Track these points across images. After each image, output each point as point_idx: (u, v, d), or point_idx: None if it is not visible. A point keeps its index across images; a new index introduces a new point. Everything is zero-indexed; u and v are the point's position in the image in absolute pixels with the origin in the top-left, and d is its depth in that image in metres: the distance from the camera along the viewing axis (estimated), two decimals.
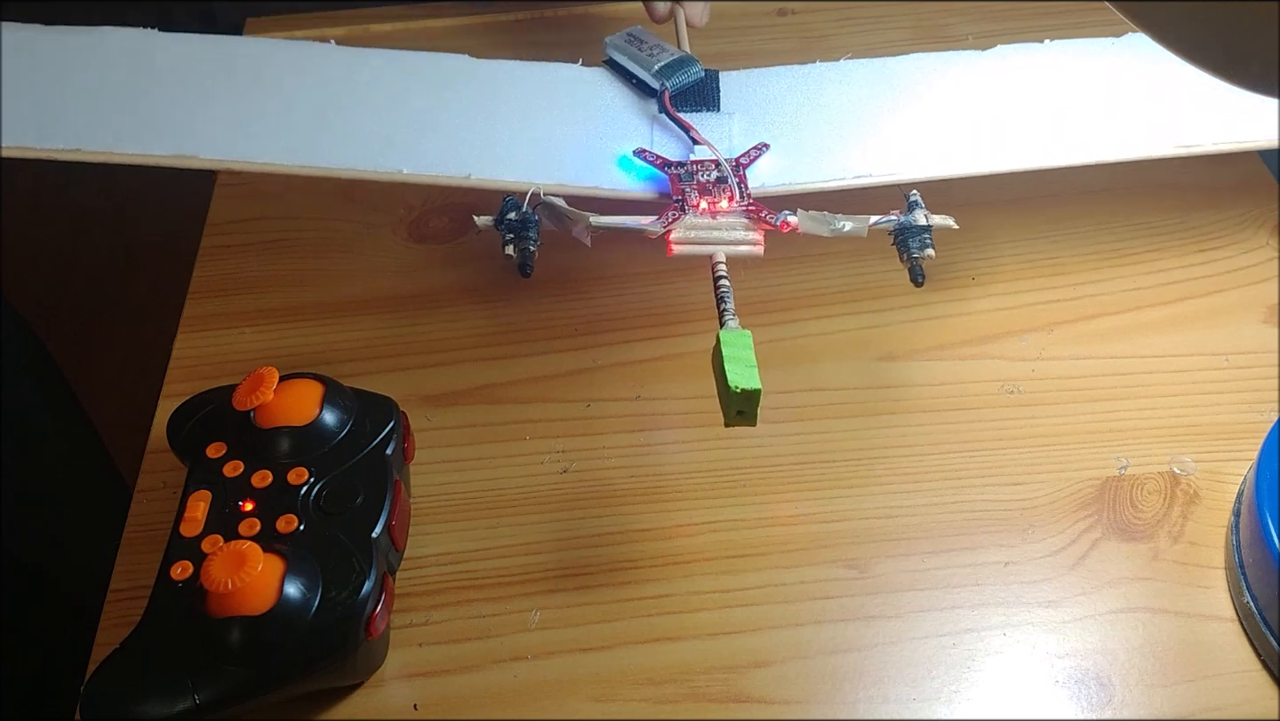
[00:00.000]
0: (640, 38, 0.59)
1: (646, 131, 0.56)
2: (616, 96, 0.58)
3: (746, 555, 0.49)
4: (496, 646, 0.46)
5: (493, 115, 0.55)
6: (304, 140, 0.52)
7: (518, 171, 0.52)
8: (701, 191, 0.51)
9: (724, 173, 0.52)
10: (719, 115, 0.57)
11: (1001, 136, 0.55)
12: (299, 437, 0.47)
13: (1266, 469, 0.45)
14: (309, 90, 0.55)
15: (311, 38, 0.74)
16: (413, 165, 0.52)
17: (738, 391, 0.42)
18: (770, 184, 0.53)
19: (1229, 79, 0.37)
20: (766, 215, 0.50)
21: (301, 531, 0.44)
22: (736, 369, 0.42)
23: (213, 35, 0.57)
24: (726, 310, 0.46)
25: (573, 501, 0.51)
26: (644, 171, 0.53)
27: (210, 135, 0.52)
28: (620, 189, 0.53)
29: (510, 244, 0.50)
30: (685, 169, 0.52)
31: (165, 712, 0.40)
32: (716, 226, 0.50)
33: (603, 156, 0.54)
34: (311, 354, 0.57)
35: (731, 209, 0.51)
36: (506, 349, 0.57)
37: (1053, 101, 0.56)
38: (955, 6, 0.73)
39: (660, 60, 0.57)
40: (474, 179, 0.52)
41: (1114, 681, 0.45)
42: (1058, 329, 0.56)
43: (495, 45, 0.73)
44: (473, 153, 0.53)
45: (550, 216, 0.51)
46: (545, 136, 0.55)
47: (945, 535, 0.49)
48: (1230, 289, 0.57)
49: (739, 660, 0.46)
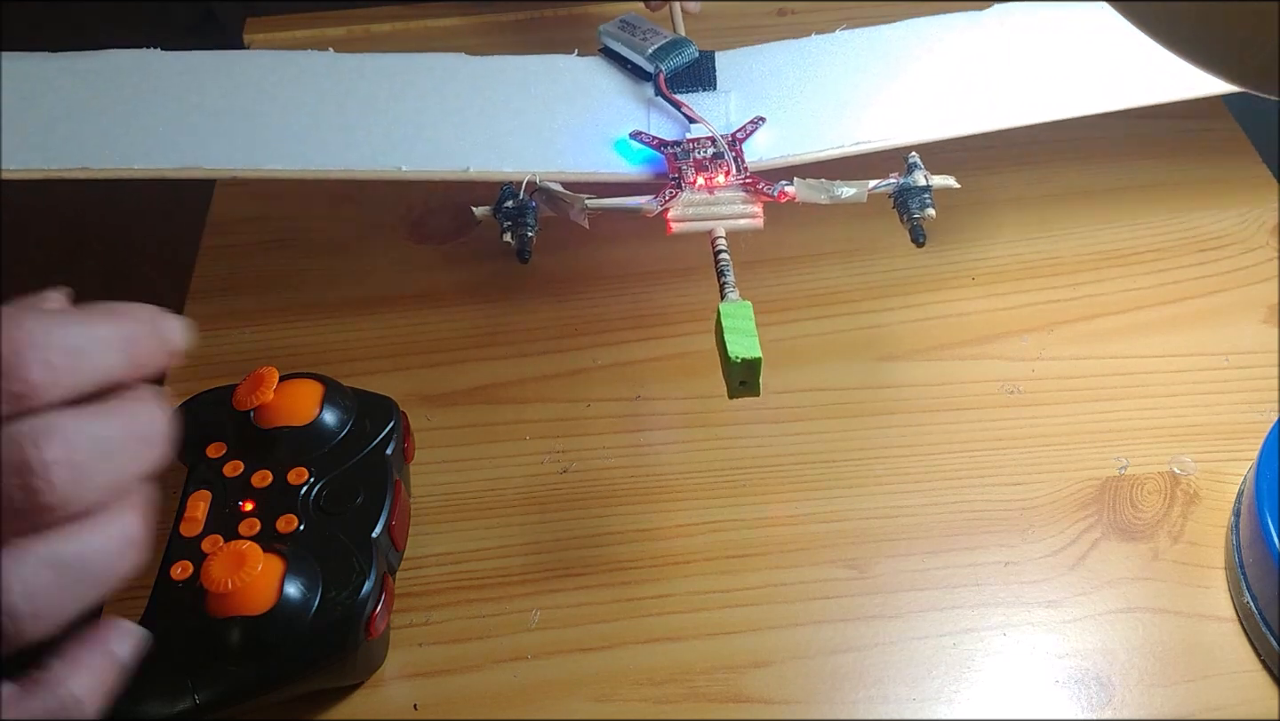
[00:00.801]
0: (634, 24, 0.59)
1: (643, 114, 0.56)
2: (612, 82, 0.58)
3: (746, 555, 0.49)
4: (496, 646, 0.46)
5: (489, 108, 0.56)
6: (305, 145, 0.53)
7: (516, 161, 0.53)
8: (698, 168, 0.51)
9: (720, 148, 0.52)
10: (715, 94, 0.57)
11: (1000, 94, 0.55)
12: (299, 437, 0.47)
13: (1266, 469, 0.45)
14: (308, 97, 0.56)
15: (311, 37, 0.74)
16: (412, 163, 0.52)
17: (738, 361, 0.42)
18: (767, 156, 0.53)
19: (1229, 78, 0.37)
20: (764, 187, 0.51)
21: (301, 531, 0.44)
22: (736, 339, 0.43)
23: (212, 51, 0.58)
24: (727, 283, 0.47)
25: (573, 501, 0.51)
26: (641, 153, 0.53)
27: (214, 146, 0.53)
28: (618, 172, 0.53)
29: (509, 231, 0.51)
30: (681, 147, 0.53)
31: (165, 712, 0.40)
32: (714, 201, 0.51)
33: (599, 141, 0.54)
34: (311, 354, 0.57)
35: (729, 183, 0.51)
36: (506, 349, 0.57)
37: (1052, 56, 0.57)
38: (956, 6, 0.73)
39: (654, 44, 0.58)
40: (473, 171, 0.52)
41: (1114, 681, 0.45)
42: (1058, 329, 0.56)
43: (495, 45, 0.73)
44: (471, 146, 0.54)
45: (547, 202, 0.51)
46: (542, 125, 0.55)
47: (945, 535, 0.49)
48: (1230, 289, 0.57)
49: (739, 660, 0.46)
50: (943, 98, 0.55)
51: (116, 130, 0.53)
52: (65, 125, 0.53)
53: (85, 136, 0.52)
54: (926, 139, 0.53)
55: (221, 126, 0.54)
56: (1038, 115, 0.54)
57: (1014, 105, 0.55)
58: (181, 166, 0.52)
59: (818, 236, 0.60)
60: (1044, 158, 0.64)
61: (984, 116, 0.54)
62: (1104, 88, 0.55)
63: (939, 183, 0.51)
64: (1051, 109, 0.54)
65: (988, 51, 0.58)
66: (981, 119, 0.54)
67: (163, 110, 0.54)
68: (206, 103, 0.55)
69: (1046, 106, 0.55)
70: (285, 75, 0.57)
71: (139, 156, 0.52)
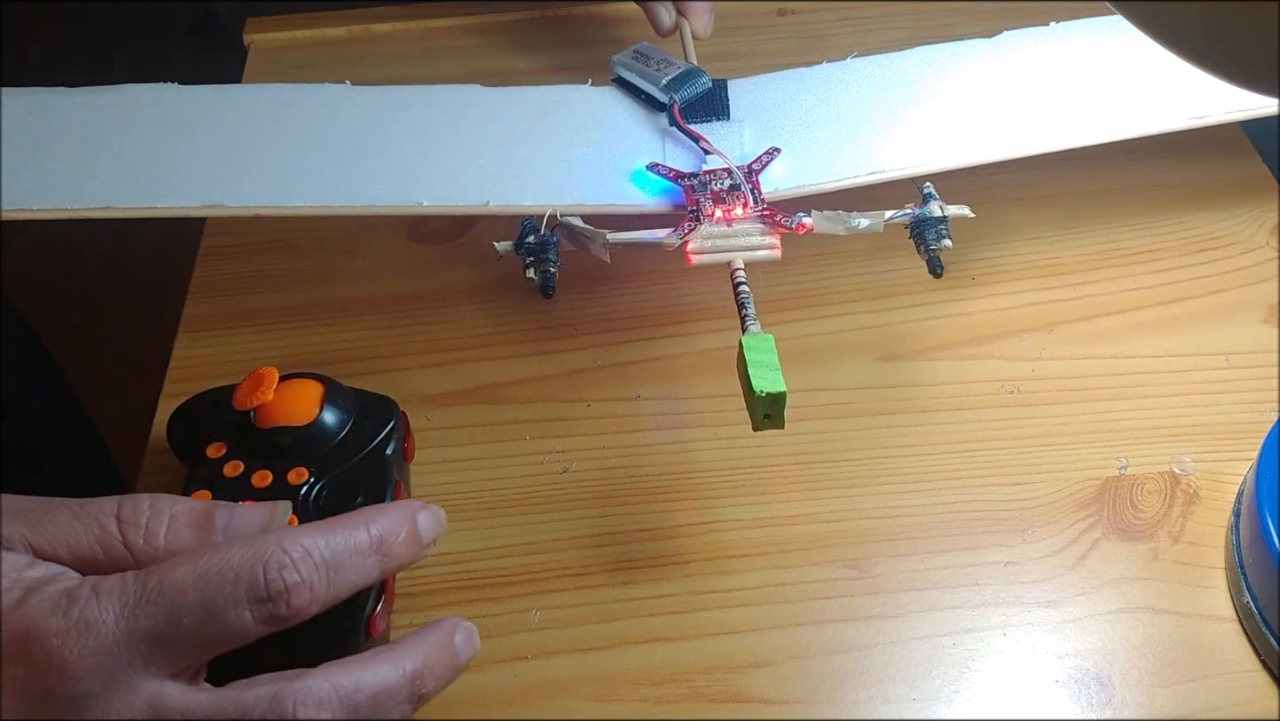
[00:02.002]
0: (646, 54, 0.60)
1: (659, 145, 0.56)
2: (627, 113, 0.59)
3: (746, 555, 0.49)
4: (496, 646, 0.46)
5: (506, 140, 0.56)
6: (326, 181, 0.53)
7: (535, 194, 0.53)
8: (715, 200, 0.52)
9: (736, 180, 0.52)
10: (729, 124, 0.57)
11: (1013, 123, 0.55)
12: (299, 437, 0.47)
13: (1266, 469, 0.45)
14: (326, 131, 0.56)
15: (311, 38, 0.74)
16: (432, 197, 0.53)
17: (763, 395, 0.43)
18: (783, 187, 0.53)
19: (1229, 79, 0.37)
20: (781, 218, 0.51)
21: None
22: (760, 373, 0.43)
23: (231, 85, 0.59)
24: (748, 315, 0.47)
25: (573, 501, 0.51)
26: (658, 185, 0.54)
27: (235, 183, 0.53)
28: (636, 204, 0.53)
29: (531, 267, 0.51)
30: (698, 179, 0.53)
31: None
32: (733, 234, 0.51)
33: (617, 173, 0.55)
34: (311, 354, 0.57)
35: (746, 215, 0.51)
36: (506, 349, 0.57)
37: (1062, 84, 0.57)
38: (956, 6, 0.73)
39: (668, 74, 0.58)
40: (493, 205, 0.53)
41: (1114, 681, 0.45)
42: (1058, 329, 0.56)
43: (495, 45, 0.73)
44: (489, 179, 0.54)
45: (568, 236, 0.51)
46: (559, 158, 0.56)
47: (945, 535, 0.49)
48: (1230, 289, 0.57)
49: (739, 660, 0.46)
50: (957, 126, 0.55)
51: (137, 167, 0.53)
52: (85, 162, 0.53)
53: (106, 174, 0.53)
54: (942, 168, 0.53)
55: (241, 162, 0.54)
56: (1053, 143, 0.54)
57: (1028, 133, 0.55)
58: (205, 204, 0.52)
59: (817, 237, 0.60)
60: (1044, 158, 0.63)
61: (998, 145, 0.54)
62: (1118, 114, 0.55)
63: (954, 212, 0.51)
64: (1066, 137, 0.54)
65: (1000, 78, 0.58)
66: (996, 147, 0.54)
67: (182, 146, 0.55)
68: (225, 138, 0.55)
69: (1061, 134, 0.54)
70: (304, 110, 0.57)
71: (162, 195, 0.52)
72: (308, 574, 0.35)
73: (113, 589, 0.34)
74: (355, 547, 0.36)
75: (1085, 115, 0.55)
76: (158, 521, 0.37)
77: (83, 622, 0.33)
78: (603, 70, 0.61)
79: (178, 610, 0.33)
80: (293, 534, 0.35)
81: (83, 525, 0.36)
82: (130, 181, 0.53)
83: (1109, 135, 0.55)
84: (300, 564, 0.35)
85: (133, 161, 0.53)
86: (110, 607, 0.33)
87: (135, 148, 0.54)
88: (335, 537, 0.36)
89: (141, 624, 0.33)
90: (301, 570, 0.34)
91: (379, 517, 0.37)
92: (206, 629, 0.33)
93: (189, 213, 0.52)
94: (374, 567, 0.37)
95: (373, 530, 0.37)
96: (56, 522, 0.36)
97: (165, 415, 0.50)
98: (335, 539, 0.36)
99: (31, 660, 0.32)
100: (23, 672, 0.32)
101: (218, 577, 0.34)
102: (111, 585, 0.34)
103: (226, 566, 0.34)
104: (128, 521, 0.37)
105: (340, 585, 0.36)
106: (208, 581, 0.34)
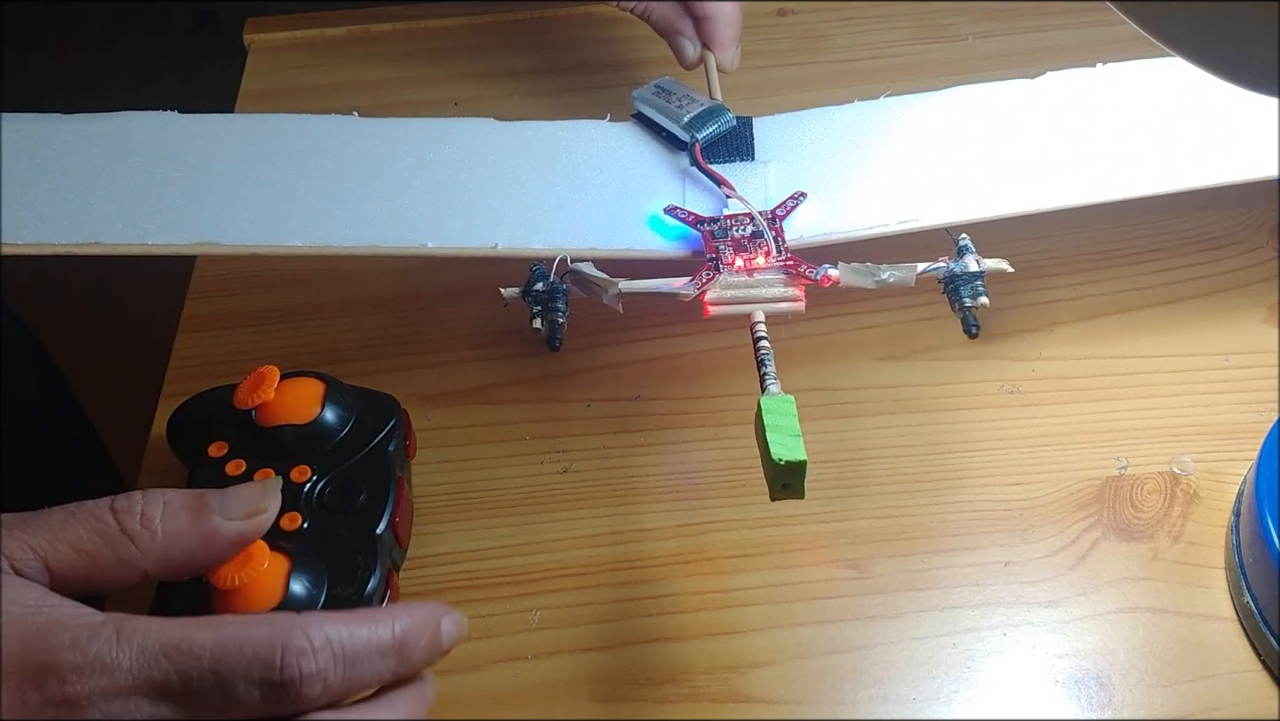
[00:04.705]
0: (668, 89, 0.57)
1: (678, 187, 0.54)
2: (646, 152, 0.56)
3: (746, 555, 0.49)
4: (496, 646, 0.46)
5: (518, 178, 0.54)
6: (328, 219, 0.51)
7: (545, 237, 0.51)
8: (736, 248, 0.49)
9: (759, 227, 0.50)
10: (754, 164, 0.54)
11: (1056, 171, 0.52)
12: (301, 436, 0.47)
13: (1266, 469, 0.45)
14: (330, 166, 0.54)
15: (311, 38, 0.74)
16: (438, 239, 0.50)
17: (782, 464, 0.40)
18: (809, 235, 0.51)
19: (1229, 79, 0.37)
20: (806, 270, 0.48)
21: (305, 529, 0.45)
22: (780, 439, 0.40)
23: (230, 115, 0.57)
24: (768, 374, 0.44)
25: (573, 501, 0.51)
26: (676, 230, 0.51)
27: (231, 220, 0.51)
28: (652, 250, 0.51)
29: (538, 316, 0.49)
30: (719, 225, 0.50)
31: None
32: (754, 284, 0.48)
33: (633, 216, 0.52)
34: (311, 354, 0.57)
35: (769, 265, 0.49)
36: (506, 349, 0.57)
37: (1107, 132, 0.54)
38: (956, 6, 0.73)
39: (690, 111, 0.55)
40: (501, 249, 0.50)
41: (1114, 681, 0.45)
42: (1058, 329, 0.56)
43: (495, 45, 0.73)
44: (499, 220, 0.51)
45: (579, 284, 0.49)
46: (573, 199, 0.53)
47: (945, 535, 0.49)
48: (1230, 289, 0.57)
49: (739, 660, 0.46)
50: (996, 172, 0.52)
51: (129, 201, 0.51)
52: (76, 194, 0.51)
53: (96, 207, 0.50)
54: (980, 217, 0.50)
55: (239, 197, 0.51)
56: (1095, 195, 0.51)
57: (1071, 183, 0.52)
58: (198, 242, 0.50)
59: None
60: None
61: (1040, 195, 0.51)
62: (1162, 166, 0.52)
63: (991, 266, 0.48)
64: (1110, 189, 0.51)
65: (1041, 123, 0.54)
66: (1037, 197, 0.51)
67: (177, 179, 0.52)
68: (222, 171, 0.53)
69: (1105, 186, 0.52)
70: (306, 142, 0.54)
71: (153, 231, 0.49)
72: (324, 665, 0.34)
73: (134, 632, 0.34)
74: (377, 646, 0.35)
75: (1129, 167, 0.52)
76: (153, 506, 0.38)
77: (99, 661, 0.33)
78: (603, 70, 0.61)
79: (190, 672, 0.33)
80: (319, 619, 0.35)
81: (80, 522, 0.37)
82: (122, 216, 0.50)
83: (1153, 188, 0.52)
84: (319, 653, 0.34)
85: (125, 195, 0.51)
86: (128, 651, 0.34)
87: (128, 180, 0.51)
88: (359, 631, 0.35)
89: (154, 676, 0.33)
90: (319, 660, 0.34)
91: (404, 616, 0.37)
92: (213, 697, 0.34)
93: (180, 250, 0.50)
94: (390, 669, 0.36)
95: (397, 628, 0.36)
96: (53, 525, 0.37)
97: (165, 415, 0.51)
98: (359, 632, 0.35)
99: (45, 689, 0.33)
100: (36, 698, 0.33)
101: (236, 651, 0.34)
102: (134, 628, 0.34)
103: (247, 641, 0.34)
104: (122, 510, 0.37)
105: (354, 682, 0.35)
106: (226, 651, 0.34)
